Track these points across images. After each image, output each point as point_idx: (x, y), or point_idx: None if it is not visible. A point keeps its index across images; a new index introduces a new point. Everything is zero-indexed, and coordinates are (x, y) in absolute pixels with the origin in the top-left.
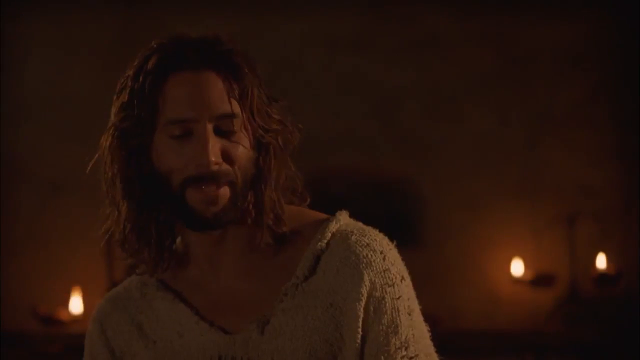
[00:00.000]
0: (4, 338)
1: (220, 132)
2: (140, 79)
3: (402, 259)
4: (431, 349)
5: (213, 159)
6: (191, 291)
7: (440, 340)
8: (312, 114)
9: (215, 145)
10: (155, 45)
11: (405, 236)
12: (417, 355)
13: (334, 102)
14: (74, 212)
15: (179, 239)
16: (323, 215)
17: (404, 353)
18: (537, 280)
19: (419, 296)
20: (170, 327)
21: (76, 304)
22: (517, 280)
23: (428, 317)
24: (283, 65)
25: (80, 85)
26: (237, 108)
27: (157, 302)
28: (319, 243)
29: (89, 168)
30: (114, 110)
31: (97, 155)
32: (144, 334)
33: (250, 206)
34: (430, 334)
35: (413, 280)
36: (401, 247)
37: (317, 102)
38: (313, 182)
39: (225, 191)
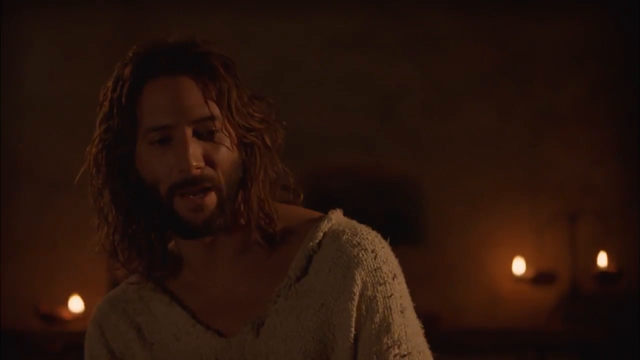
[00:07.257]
0: (5, 336)
1: (200, 136)
2: (118, 89)
3: (403, 258)
4: (424, 346)
5: (194, 163)
6: (187, 293)
7: (441, 338)
8: (312, 112)
9: (196, 149)
10: (130, 54)
11: (406, 235)
12: (409, 353)
13: (335, 100)
14: (75, 210)
15: (172, 242)
16: (316, 214)
17: (397, 351)
18: (538, 278)
19: (420, 294)
20: (167, 329)
21: (77, 302)
22: (518, 279)
23: (429, 315)
24: (283, 63)
25: (80, 83)
26: (215, 110)
27: (154, 304)
28: (311, 243)
29: (77, 179)
30: (97, 121)
31: (83, 167)
32: (143, 336)
33: (241, 207)
34: (424, 330)
35: (414, 278)
36: (402, 246)
37: (318, 100)
38: (313, 180)
39: (211, 198)
